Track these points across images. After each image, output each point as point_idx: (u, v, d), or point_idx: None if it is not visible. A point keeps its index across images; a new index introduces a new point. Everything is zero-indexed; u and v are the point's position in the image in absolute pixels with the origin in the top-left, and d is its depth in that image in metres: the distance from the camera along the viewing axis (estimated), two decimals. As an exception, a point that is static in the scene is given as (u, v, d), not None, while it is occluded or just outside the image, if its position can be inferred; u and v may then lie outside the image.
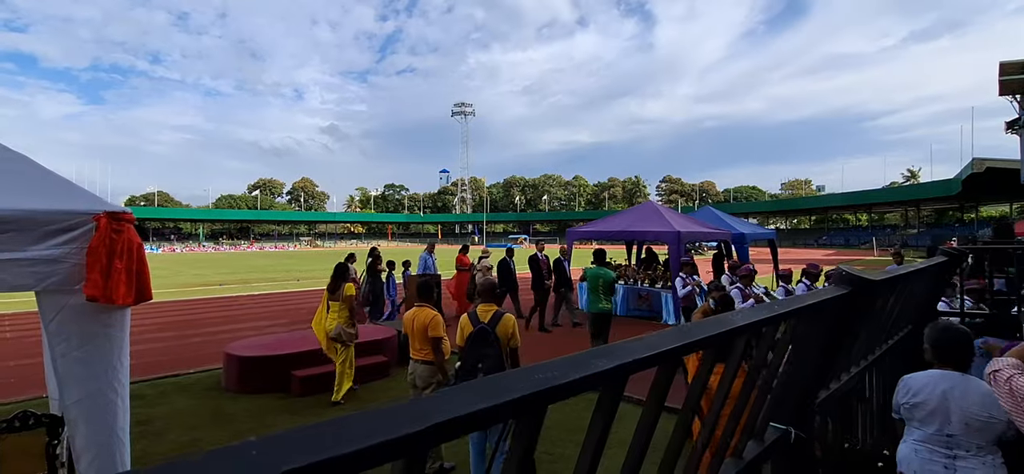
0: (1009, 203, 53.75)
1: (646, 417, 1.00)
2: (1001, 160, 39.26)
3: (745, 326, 1.16)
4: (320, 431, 0.48)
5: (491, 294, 4.10)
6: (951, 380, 2.52)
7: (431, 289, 4.51)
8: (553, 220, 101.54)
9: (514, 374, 0.69)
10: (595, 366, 0.74)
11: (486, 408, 0.59)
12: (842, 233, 75.42)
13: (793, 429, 1.77)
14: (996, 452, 2.45)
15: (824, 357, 1.85)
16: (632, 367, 0.79)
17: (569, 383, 0.69)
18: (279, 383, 6.30)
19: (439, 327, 4.04)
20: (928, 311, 3.79)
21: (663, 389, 0.98)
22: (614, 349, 0.81)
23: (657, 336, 0.92)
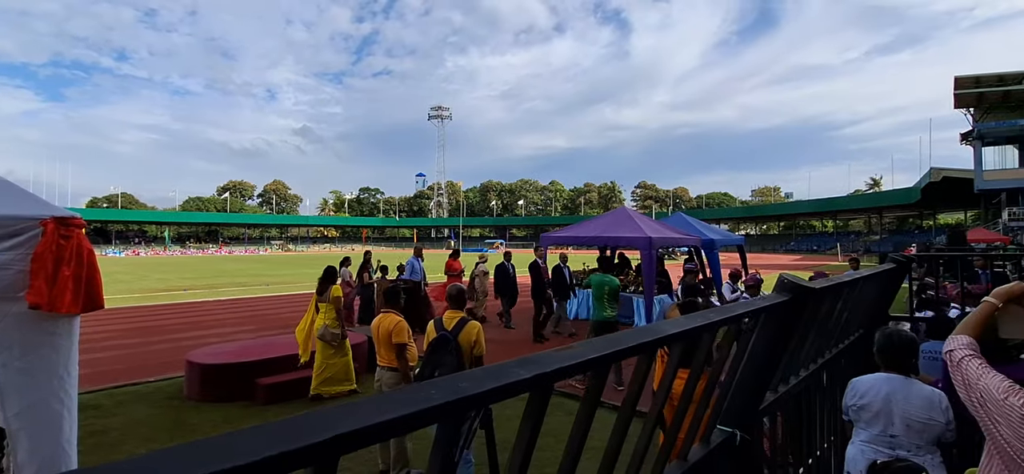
0: (964, 211, 56.12)
1: (579, 423, 1.03)
2: (956, 170, 41.11)
3: (679, 333, 1.20)
4: (215, 444, 0.49)
5: (458, 301, 4.11)
6: (894, 383, 2.64)
7: (398, 294, 4.49)
8: (529, 225, 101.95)
9: (436, 382, 0.70)
10: (515, 375, 0.76)
11: (397, 418, 0.60)
12: (809, 239, 77.63)
13: (739, 431, 1.83)
14: (935, 452, 2.57)
15: (769, 361, 1.91)
16: (554, 376, 0.82)
17: (486, 392, 0.71)
18: (243, 391, 6.17)
19: (403, 333, 4.02)
20: (878, 315, 3.93)
21: (595, 395, 1.01)
22: (538, 358, 0.84)
23: (584, 345, 0.95)
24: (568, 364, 0.85)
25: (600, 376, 1.01)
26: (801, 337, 2.40)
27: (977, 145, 34.90)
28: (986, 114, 34.85)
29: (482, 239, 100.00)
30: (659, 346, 1.11)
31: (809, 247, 70.52)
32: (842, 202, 71.36)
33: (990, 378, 1.71)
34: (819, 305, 2.39)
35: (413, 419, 0.61)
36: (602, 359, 0.95)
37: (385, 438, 0.60)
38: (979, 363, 1.78)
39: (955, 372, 1.83)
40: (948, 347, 1.92)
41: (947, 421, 2.57)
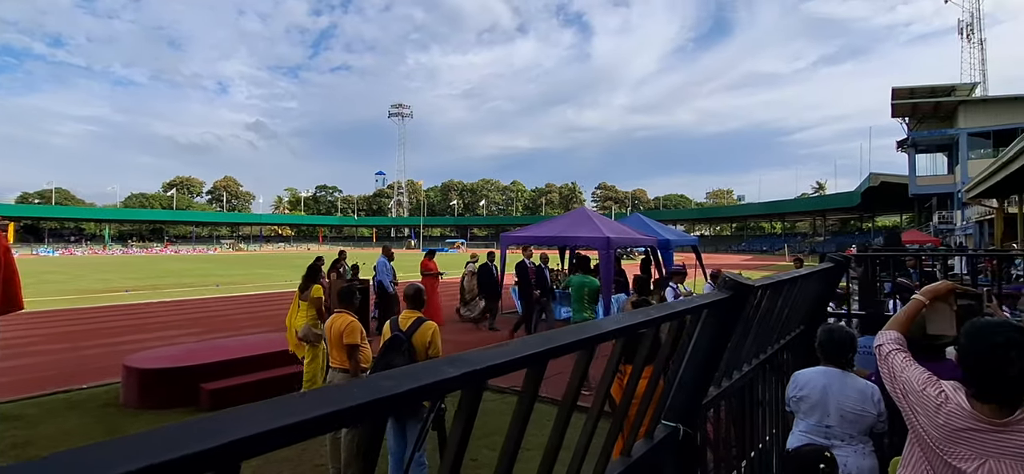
0: (900, 214, 59.60)
1: (515, 423, 1.01)
2: (893, 175, 43.63)
3: (619, 329, 1.20)
4: (96, 453, 0.44)
5: (415, 300, 4.04)
6: (832, 376, 2.77)
7: (353, 294, 4.38)
8: (491, 225, 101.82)
9: (356, 384, 0.67)
10: (442, 373, 0.74)
11: (306, 420, 0.57)
12: (759, 240, 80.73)
13: (681, 426, 1.87)
14: (867, 441, 2.72)
15: (712, 356, 1.95)
16: (484, 374, 0.80)
17: (409, 392, 0.68)
18: (187, 397, 5.89)
19: (355, 334, 3.92)
20: (818, 312, 4.11)
21: (531, 392, 1.00)
22: (468, 356, 0.82)
23: (520, 342, 0.93)
24: (500, 362, 0.84)
25: (536, 375, 1.00)
26: (743, 333, 2.48)
27: (911, 152, 37.13)
28: (920, 123, 37.15)
29: (442, 238, 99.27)
30: (597, 343, 1.11)
31: (759, 248, 73.35)
32: (789, 205, 74.73)
33: (912, 371, 1.80)
34: (760, 302, 2.47)
35: (324, 422, 0.58)
36: (537, 356, 0.94)
37: (293, 442, 0.57)
38: (904, 357, 1.88)
39: (883, 365, 1.93)
40: (877, 342, 2.01)
41: (879, 412, 2.71)
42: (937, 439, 1.67)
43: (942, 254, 12.64)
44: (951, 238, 31.63)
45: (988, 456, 1.56)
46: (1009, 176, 13.35)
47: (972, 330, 1.65)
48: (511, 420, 1.03)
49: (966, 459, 1.60)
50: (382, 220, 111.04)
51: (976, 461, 1.58)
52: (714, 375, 2.15)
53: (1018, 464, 1.53)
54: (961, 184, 27.96)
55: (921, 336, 2.93)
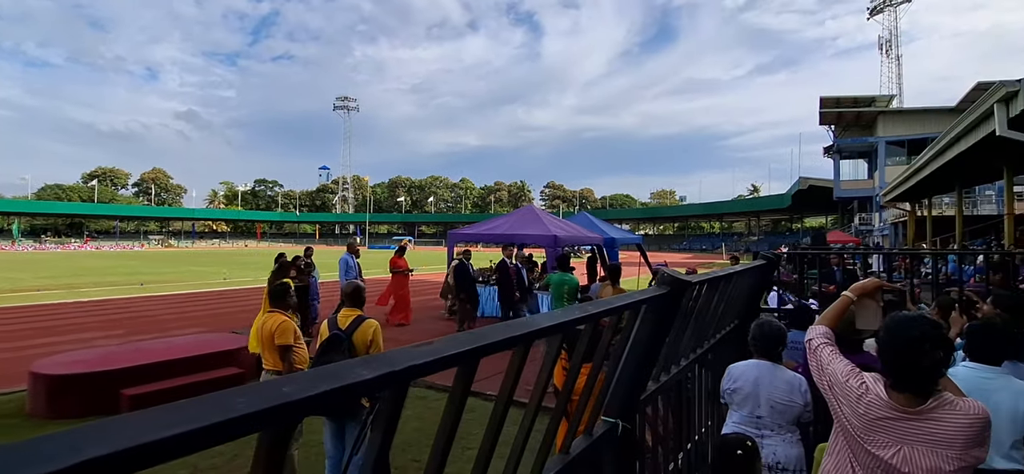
0: (826, 215, 63.62)
1: (445, 423, 0.96)
2: (820, 179, 46.53)
3: (555, 326, 1.17)
4: None
5: (354, 298, 3.90)
6: (763, 369, 2.89)
7: (287, 292, 4.17)
8: (439, 222, 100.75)
9: (252, 389, 0.60)
10: (355, 376, 0.67)
11: (181, 434, 0.49)
12: (699, 239, 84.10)
13: (620, 422, 1.87)
14: (794, 431, 2.84)
15: (650, 352, 1.97)
16: (404, 375, 0.74)
17: (313, 397, 0.61)
18: (104, 405, 5.44)
19: (287, 334, 3.73)
20: (751, 307, 4.28)
21: (461, 392, 0.95)
22: (388, 356, 0.76)
23: (447, 340, 0.88)
24: (425, 361, 0.78)
25: (467, 374, 0.95)
26: (681, 328, 2.52)
27: (836, 158, 39.77)
28: (844, 131, 39.78)
29: (389, 236, 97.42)
30: (531, 340, 1.07)
31: (700, 246, 76.38)
32: (727, 206, 78.33)
33: (837, 364, 1.88)
34: (697, 298, 2.53)
35: (205, 435, 0.51)
36: (467, 355, 0.89)
37: (166, 460, 0.49)
38: (831, 350, 1.97)
39: (812, 358, 2.02)
40: (808, 336, 2.10)
41: (805, 403, 2.85)
42: (858, 427, 1.75)
43: (862, 253, 13.57)
44: (870, 238, 34.08)
45: (903, 443, 1.65)
46: (919, 182, 14.50)
47: (891, 324, 1.74)
48: (440, 422, 0.98)
49: (883, 446, 1.68)
50: (326, 216, 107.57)
51: (892, 447, 1.67)
52: (653, 370, 2.17)
53: (929, 449, 1.62)
54: (879, 188, 30.17)
55: (844, 330, 3.11)
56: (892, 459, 1.66)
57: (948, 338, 1.68)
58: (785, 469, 2.77)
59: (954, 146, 9.81)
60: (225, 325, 10.41)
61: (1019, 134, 6.74)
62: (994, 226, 16.76)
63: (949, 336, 1.77)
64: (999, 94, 6.77)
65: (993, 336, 2.48)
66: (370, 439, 0.82)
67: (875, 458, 1.70)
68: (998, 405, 2.23)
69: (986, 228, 17.56)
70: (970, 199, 24.86)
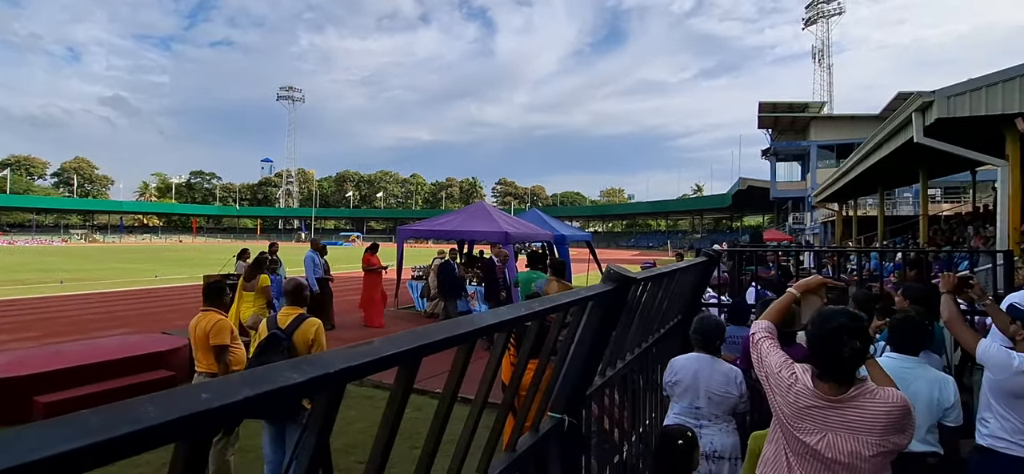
0: (763, 214, 66.93)
1: (387, 417, 0.93)
2: (758, 180, 48.89)
3: (501, 323, 1.15)
4: None
5: (296, 296, 3.75)
6: (702, 362, 3.00)
7: (222, 290, 3.96)
8: (389, 218, 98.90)
9: (166, 397, 0.55)
10: (283, 379, 0.63)
11: (80, 448, 0.44)
12: (647, 236, 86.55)
13: (567, 417, 1.88)
14: (730, 420, 2.97)
15: (597, 346, 1.99)
16: (339, 378, 0.70)
17: (235, 405, 0.57)
18: (14, 414, 4.99)
19: (223, 334, 3.55)
20: (694, 303, 4.43)
21: (402, 392, 0.92)
22: (321, 358, 0.72)
23: (386, 341, 0.85)
24: (360, 363, 0.74)
25: (409, 374, 0.92)
26: (627, 323, 2.57)
27: (773, 160, 41.94)
28: (780, 135, 41.91)
29: (337, 231, 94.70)
30: (475, 338, 1.05)
31: (647, 244, 78.66)
32: (672, 204, 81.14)
33: (773, 356, 1.97)
34: (643, 293, 2.58)
35: (107, 450, 0.45)
36: (408, 354, 0.86)
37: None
38: (770, 344, 2.06)
39: (754, 350, 2.11)
40: (752, 330, 2.20)
41: (740, 394, 2.97)
42: (788, 415, 1.84)
43: (795, 250, 14.36)
44: (802, 236, 36.13)
45: (827, 429, 1.76)
46: (846, 184, 15.49)
47: (815, 318, 1.85)
48: (381, 421, 0.94)
49: (810, 433, 1.79)
50: (268, 211, 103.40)
51: (817, 434, 1.77)
52: (599, 365, 2.20)
53: (850, 435, 1.73)
54: (811, 190, 32.01)
55: (778, 324, 3.26)
56: (817, 445, 1.76)
57: (866, 329, 1.79)
58: (722, 457, 2.90)
59: (877, 151, 10.52)
60: (156, 326, 9.81)
61: (934, 141, 7.31)
62: (911, 226, 18.15)
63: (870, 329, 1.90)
64: (916, 104, 7.31)
65: (912, 329, 2.67)
66: (304, 445, 0.78)
67: (803, 444, 1.80)
68: (916, 392, 2.41)
69: (904, 228, 18.98)
70: (890, 200, 26.81)
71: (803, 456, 1.81)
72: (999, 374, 2.52)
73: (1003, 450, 2.54)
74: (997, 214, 7.36)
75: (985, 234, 10.71)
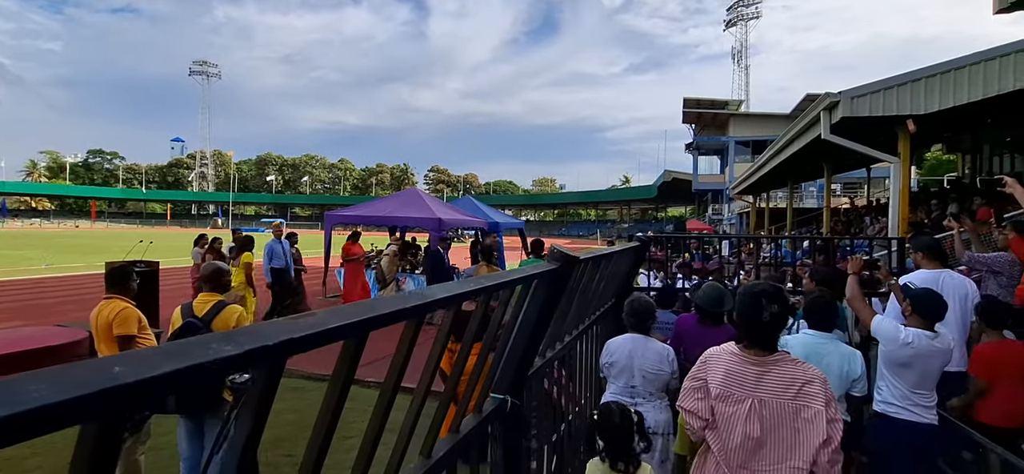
0: (685, 205, 70.53)
1: (329, 399, 0.85)
2: (682, 173, 51.41)
3: (446, 299, 1.10)
4: None
5: (213, 281, 3.48)
6: (636, 342, 3.09)
7: (128, 276, 3.60)
8: (315, 204, 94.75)
9: (59, 372, 0.45)
10: (213, 352, 0.55)
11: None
12: (577, 225, 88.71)
13: (509, 397, 1.86)
14: (664, 397, 3.09)
15: (539, 327, 1.98)
16: (278, 351, 0.63)
17: (161, 378, 0.49)
18: None
19: (129, 323, 3.23)
20: (627, 286, 4.57)
21: (346, 370, 0.85)
22: (255, 329, 0.64)
23: (329, 313, 0.77)
24: (302, 335, 0.67)
25: (355, 350, 0.85)
26: (567, 305, 2.59)
27: (695, 154, 44.21)
28: (702, 130, 44.21)
29: (257, 218, 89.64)
30: (424, 312, 0.99)
31: (578, 232, 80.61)
32: (602, 195, 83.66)
33: (686, 398, 2.09)
34: (582, 275, 2.61)
35: None
36: (352, 327, 0.79)
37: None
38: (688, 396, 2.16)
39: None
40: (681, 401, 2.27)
41: (672, 371, 3.10)
42: (716, 382, 1.96)
43: (717, 238, 15.23)
44: (721, 226, 38.44)
45: (753, 395, 1.88)
46: (760, 178, 16.60)
47: (741, 289, 2.02)
48: (322, 405, 0.87)
49: (738, 400, 1.90)
50: (180, 195, 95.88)
51: (747, 400, 1.89)
52: (540, 345, 2.20)
53: (773, 398, 1.87)
54: (729, 183, 34.06)
55: (709, 306, 3.42)
56: (746, 409, 1.88)
57: (785, 297, 1.96)
58: (655, 433, 3.01)
59: (788, 147, 11.32)
60: (49, 318, 8.83)
61: (838, 139, 7.95)
62: (816, 217, 19.83)
63: None
64: (825, 103, 7.91)
65: (826, 308, 2.90)
66: (236, 429, 0.69)
67: (735, 409, 1.91)
68: (829, 365, 2.62)
69: (810, 219, 20.68)
70: (798, 194, 29.08)
71: (731, 420, 1.91)
72: (888, 346, 2.81)
73: (893, 414, 2.83)
74: (890, 206, 8.15)
75: (878, 224, 11.86)
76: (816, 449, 1.77)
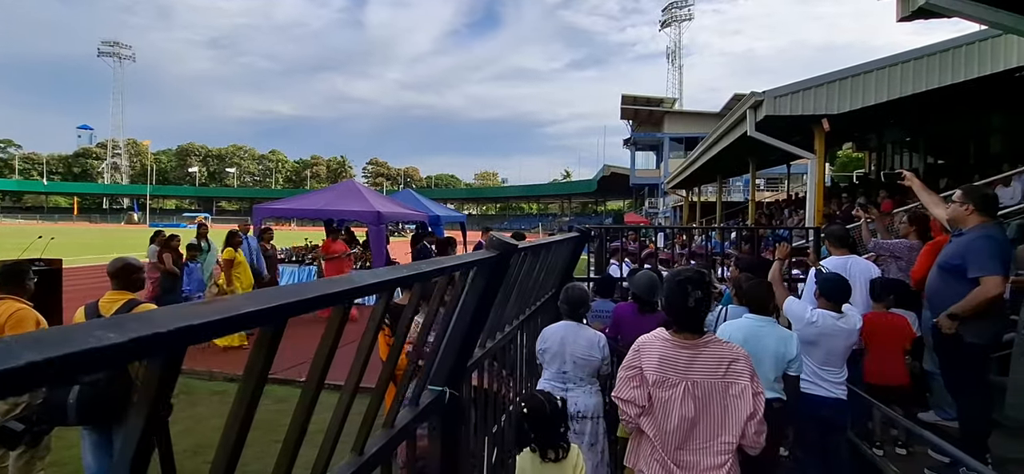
0: (624, 199, 72.75)
1: (243, 393, 0.78)
2: (620, 167, 52.98)
3: (375, 283, 1.04)
4: None
5: (124, 278, 3.19)
6: (569, 329, 3.15)
7: (22, 275, 3.24)
8: (244, 197, 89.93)
9: None
10: (95, 340, 0.48)
11: None
12: (519, 219, 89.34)
13: (448, 389, 1.82)
14: (594, 383, 3.17)
15: (478, 317, 1.95)
16: (174, 339, 0.56)
17: (21, 372, 0.41)
18: None
19: (23, 325, 2.90)
20: (566, 276, 4.62)
21: (263, 360, 0.78)
22: (152, 316, 0.56)
23: (243, 297, 0.70)
24: (203, 321, 0.60)
25: (271, 338, 0.78)
26: (507, 295, 2.58)
27: (632, 149, 45.68)
28: (639, 126, 45.69)
29: (179, 212, 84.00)
30: (352, 298, 0.93)
31: (520, 226, 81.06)
32: (543, 189, 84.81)
33: (622, 387, 2.14)
34: (522, 264, 2.60)
35: None
36: (269, 313, 0.73)
37: None
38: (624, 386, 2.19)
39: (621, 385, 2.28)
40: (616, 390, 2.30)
41: (603, 357, 3.17)
42: (651, 368, 2.01)
43: (654, 229, 15.79)
44: (656, 219, 39.93)
45: (685, 377, 1.96)
46: (692, 173, 17.38)
47: (667, 277, 2.11)
48: (235, 400, 0.79)
49: (673, 384, 1.96)
50: (89, 187, 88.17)
51: (681, 382, 1.96)
52: (480, 335, 2.17)
53: (705, 379, 1.96)
54: (664, 177, 35.40)
55: (645, 295, 3.52)
56: (680, 392, 1.95)
57: (707, 283, 2.07)
58: (585, 416, 3.08)
59: (718, 144, 11.89)
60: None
61: (762, 136, 8.43)
62: (741, 210, 21.02)
63: None
64: (750, 101, 8.37)
65: (762, 293, 3.07)
66: (128, 431, 0.61)
67: (670, 393, 1.97)
68: (766, 347, 2.77)
69: (736, 211, 21.93)
70: (726, 188, 30.67)
71: (667, 404, 1.97)
72: (797, 325, 3.04)
73: (805, 390, 3.05)
74: (807, 199, 8.74)
75: (797, 217, 12.70)
76: (743, 422, 1.87)
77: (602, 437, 3.13)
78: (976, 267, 3.01)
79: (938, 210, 3.62)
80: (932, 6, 4.09)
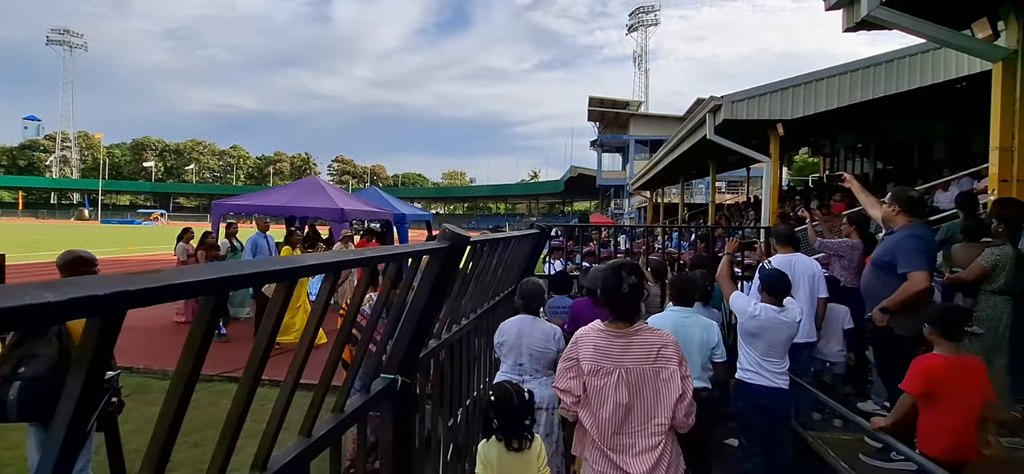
0: (590, 200, 73.63)
1: (182, 369, 0.82)
2: (587, 168, 53.61)
3: (324, 264, 1.09)
4: None
5: (73, 271, 3.10)
6: (524, 322, 3.23)
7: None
8: (202, 194, 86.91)
9: None
10: (30, 298, 0.51)
11: None
12: (487, 219, 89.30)
13: (400, 377, 1.86)
14: (550, 375, 3.25)
15: (431, 307, 2.00)
16: (113, 302, 0.59)
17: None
18: None
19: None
20: (526, 272, 4.70)
21: (203, 331, 0.81)
22: (91, 280, 0.60)
23: (186, 268, 0.74)
24: (142, 287, 0.63)
25: (208, 317, 0.81)
26: (463, 288, 2.63)
27: (599, 151, 46.34)
28: (606, 128, 46.37)
29: (133, 208, 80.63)
30: (296, 276, 0.97)
31: (487, 226, 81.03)
32: (511, 189, 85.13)
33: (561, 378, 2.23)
34: (480, 259, 2.67)
35: None
36: (212, 284, 0.76)
37: None
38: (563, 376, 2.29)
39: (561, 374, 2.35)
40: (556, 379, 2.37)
41: (558, 349, 3.26)
42: (587, 358, 2.11)
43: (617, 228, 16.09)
44: (621, 219, 40.60)
45: (621, 364, 2.06)
46: (656, 175, 17.78)
47: (605, 265, 2.25)
48: (173, 378, 0.82)
49: (607, 373, 2.06)
50: (35, 181, 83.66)
51: (615, 370, 2.05)
52: (433, 326, 2.22)
53: (638, 364, 2.07)
54: (629, 179, 36.03)
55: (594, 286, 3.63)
56: (614, 379, 2.05)
57: (640, 270, 2.20)
58: (541, 408, 3.17)
59: (680, 146, 12.22)
60: None
61: (721, 139, 8.73)
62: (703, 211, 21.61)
63: None
64: (710, 105, 8.65)
65: (687, 286, 3.22)
66: (66, 391, 0.64)
67: (605, 381, 2.07)
68: (691, 336, 2.92)
69: (698, 213, 22.54)
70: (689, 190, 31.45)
71: (603, 392, 2.06)
72: (741, 318, 3.21)
73: (748, 380, 3.21)
74: (763, 200, 9.09)
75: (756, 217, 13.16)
76: (673, 404, 1.98)
77: (557, 428, 3.21)
78: (904, 263, 3.23)
79: (874, 211, 3.86)
80: (873, 18, 4.35)
